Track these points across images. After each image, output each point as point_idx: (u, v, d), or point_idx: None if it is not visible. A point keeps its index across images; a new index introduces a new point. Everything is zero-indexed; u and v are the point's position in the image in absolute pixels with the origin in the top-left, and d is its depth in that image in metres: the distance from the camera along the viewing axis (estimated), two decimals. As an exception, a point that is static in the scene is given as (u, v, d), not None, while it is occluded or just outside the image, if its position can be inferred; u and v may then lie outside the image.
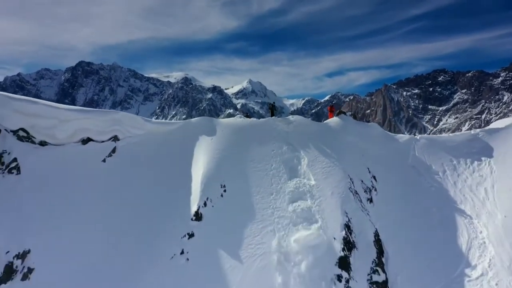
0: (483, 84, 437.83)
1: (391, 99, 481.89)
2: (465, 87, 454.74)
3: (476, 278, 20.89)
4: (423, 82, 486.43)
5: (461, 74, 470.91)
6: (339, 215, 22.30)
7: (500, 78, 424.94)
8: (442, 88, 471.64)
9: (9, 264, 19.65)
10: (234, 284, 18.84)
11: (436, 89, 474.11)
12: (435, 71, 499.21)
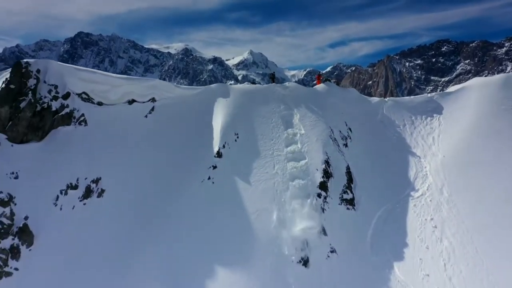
0: (487, 55, 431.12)
1: (393, 70, 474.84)
2: (468, 57, 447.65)
3: (417, 197, 28.85)
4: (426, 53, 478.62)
5: (465, 44, 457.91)
6: (321, 154, 30.18)
7: (504, 49, 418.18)
8: (445, 59, 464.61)
9: (88, 187, 27.73)
10: (246, 197, 26.88)
11: (439, 59, 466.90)
12: (439, 41, 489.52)
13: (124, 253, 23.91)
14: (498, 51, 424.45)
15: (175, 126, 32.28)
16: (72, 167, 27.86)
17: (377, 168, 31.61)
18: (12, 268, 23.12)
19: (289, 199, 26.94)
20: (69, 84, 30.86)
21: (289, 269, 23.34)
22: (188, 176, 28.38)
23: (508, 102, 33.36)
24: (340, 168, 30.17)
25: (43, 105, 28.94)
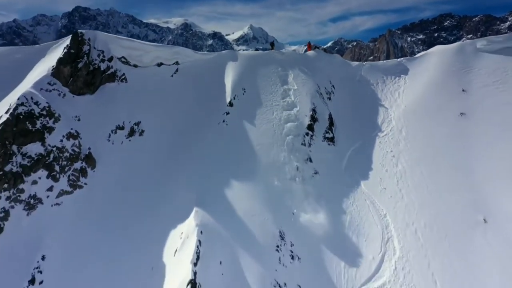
0: (490, 29, 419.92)
1: (394, 45, 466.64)
2: (471, 32, 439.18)
3: (382, 136, 36.52)
4: (428, 27, 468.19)
5: (468, 18, 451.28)
6: (309, 104, 37.75)
7: (508, 23, 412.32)
8: (448, 34, 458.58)
9: (131, 128, 35.41)
10: (251, 135, 34.54)
11: (441, 34, 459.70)
12: (442, 15, 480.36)
13: (164, 172, 31.75)
14: (501, 25, 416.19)
15: (195, 83, 39.69)
16: (118, 113, 35.47)
17: (353, 115, 39.27)
18: (83, 183, 30.99)
19: (284, 136, 34.66)
20: (112, 50, 38.17)
21: (283, 183, 31.29)
22: (207, 119, 36.00)
23: (459, 65, 40.69)
24: (324, 115, 37.85)
25: (94, 66, 36.34)
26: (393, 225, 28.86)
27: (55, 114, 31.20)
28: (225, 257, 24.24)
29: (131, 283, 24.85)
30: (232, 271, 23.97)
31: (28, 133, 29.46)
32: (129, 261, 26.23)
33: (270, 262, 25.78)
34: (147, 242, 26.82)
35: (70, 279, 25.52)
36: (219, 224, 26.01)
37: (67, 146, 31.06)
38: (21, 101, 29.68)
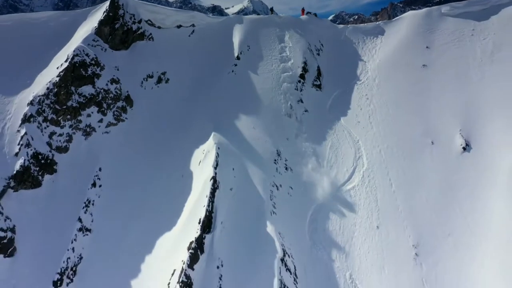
0: None
1: None
2: None
3: (360, 84, 43.55)
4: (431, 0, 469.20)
5: None
6: (301, 58, 44.76)
7: None
8: None
9: (159, 77, 42.48)
10: (255, 82, 41.68)
11: None
12: None
13: (186, 109, 39.05)
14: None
15: (208, 42, 46.57)
16: (147, 65, 42.51)
17: (337, 67, 46.33)
18: (124, 117, 38.43)
19: (281, 83, 41.89)
20: (140, 14, 44.94)
21: (280, 117, 38.78)
22: (219, 70, 42.98)
23: (425, 26, 47.38)
24: (313, 67, 44.98)
25: (127, 27, 43.17)
26: (363, 147, 36.50)
27: (101, 64, 38.36)
28: (236, 165, 31.97)
29: (168, 185, 32.67)
30: (241, 174, 31.77)
31: (82, 78, 36.72)
32: (164, 171, 33.97)
33: (269, 171, 33.53)
34: (177, 158, 34.50)
35: (121, 183, 33.34)
36: (231, 143, 33.66)
37: (111, 89, 38.36)
38: (76, 52, 36.77)
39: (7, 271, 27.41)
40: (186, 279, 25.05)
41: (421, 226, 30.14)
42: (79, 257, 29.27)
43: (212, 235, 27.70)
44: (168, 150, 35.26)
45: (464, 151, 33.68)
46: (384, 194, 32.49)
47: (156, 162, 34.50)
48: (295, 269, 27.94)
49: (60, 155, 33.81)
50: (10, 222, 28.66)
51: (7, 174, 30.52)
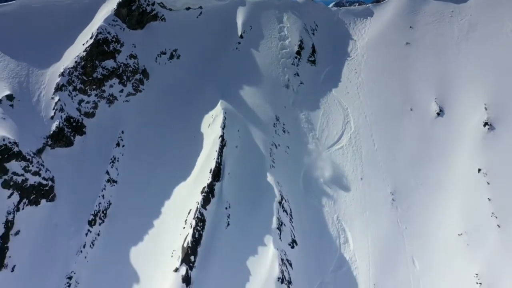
0: None
1: None
2: None
3: (350, 59, 47.87)
4: None
5: None
6: (298, 37, 48.78)
7: None
8: None
9: (171, 53, 46.76)
10: (256, 57, 45.85)
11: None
12: None
13: (196, 81, 43.21)
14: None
15: (215, 22, 50.39)
16: (160, 43, 46.55)
17: (329, 45, 50.33)
18: (141, 88, 42.72)
19: (279, 58, 46.08)
20: (152, -3, 48.98)
21: (278, 88, 43.10)
22: (225, 47, 47.01)
23: (410, 9, 51.03)
24: (308, 44, 49.09)
25: (143, 9, 47.22)
26: (351, 114, 40.90)
27: (120, 41, 42.47)
28: (240, 127, 36.44)
29: (181, 144, 37.15)
30: (245, 135, 36.25)
31: (105, 53, 40.87)
32: (178, 133, 38.36)
33: (269, 132, 37.99)
34: (189, 122, 38.90)
35: (141, 143, 37.77)
36: (236, 109, 38.09)
37: (130, 63, 42.55)
38: (99, 31, 40.85)
39: (49, 213, 32.04)
40: (200, 216, 29.79)
41: (398, 177, 34.71)
42: (108, 203, 33.91)
43: (221, 183, 32.35)
44: (181, 115, 39.60)
45: (438, 116, 38.07)
46: (368, 152, 37.00)
47: (171, 125, 38.89)
48: (290, 211, 32.62)
49: (88, 120, 38.22)
50: (50, 173, 33.18)
51: (44, 134, 34.93)
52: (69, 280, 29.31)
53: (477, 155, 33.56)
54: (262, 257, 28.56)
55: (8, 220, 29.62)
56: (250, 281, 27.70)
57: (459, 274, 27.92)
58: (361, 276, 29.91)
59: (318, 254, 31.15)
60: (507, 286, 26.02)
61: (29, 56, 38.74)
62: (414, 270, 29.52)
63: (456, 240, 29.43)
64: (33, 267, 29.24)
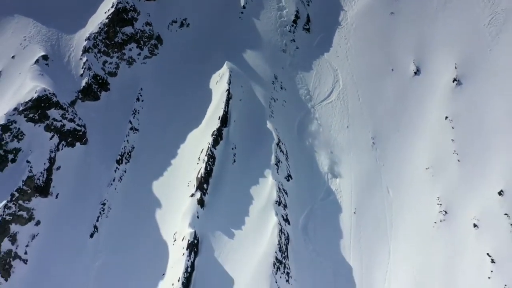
0: None
1: None
2: None
3: (340, 28, 52.34)
4: None
5: None
6: (294, 8, 52.56)
7: None
8: None
9: (182, 21, 51.21)
10: (258, 26, 50.23)
11: None
12: None
13: (204, 46, 47.60)
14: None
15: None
16: (171, 13, 50.80)
17: (323, 15, 54.39)
18: (156, 52, 47.15)
19: (278, 26, 50.28)
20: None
21: (277, 52, 47.59)
22: (229, 17, 50.75)
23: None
24: (304, 14, 53.06)
25: (155, -18, 51.39)
26: (340, 74, 45.49)
27: (137, 10, 46.76)
28: (244, 84, 41.09)
29: (193, 98, 41.90)
30: (248, 90, 40.94)
31: (124, 20, 45.18)
32: (190, 89, 42.95)
33: (269, 89, 42.67)
34: (199, 80, 43.53)
35: (158, 98, 42.52)
36: (239, 69, 42.79)
37: (146, 30, 46.90)
38: (119, 0, 45.23)
39: (83, 154, 37.11)
40: (211, 153, 34.85)
41: (378, 125, 39.64)
42: (132, 146, 38.89)
43: (228, 128, 37.36)
44: (192, 75, 44.19)
45: (415, 74, 42.74)
46: (353, 105, 41.84)
47: (183, 83, 43.55)
48: (286, 152, 37.68)
49: (112, 78, 42.93)
50: (82, 121, 38.08)
51: (76, 89, 39.74)
52: (103, 206, 34.39)
53: (445, 106, 38.33)
54: (262, 185, 33.70)
55: (51, 157, 34.69)
56: (253, 204, 32.90)
57: (424, 199, 33.10)
58: (344, 203, 35.11)
59: (309, 186, 36.32)
60: (461, 204, 31.25)
61: (58, 23, 43.08)
62: (388, 197, 34.70)
63: (423, 172, 34.51)
64: (73, 196, 34.47)
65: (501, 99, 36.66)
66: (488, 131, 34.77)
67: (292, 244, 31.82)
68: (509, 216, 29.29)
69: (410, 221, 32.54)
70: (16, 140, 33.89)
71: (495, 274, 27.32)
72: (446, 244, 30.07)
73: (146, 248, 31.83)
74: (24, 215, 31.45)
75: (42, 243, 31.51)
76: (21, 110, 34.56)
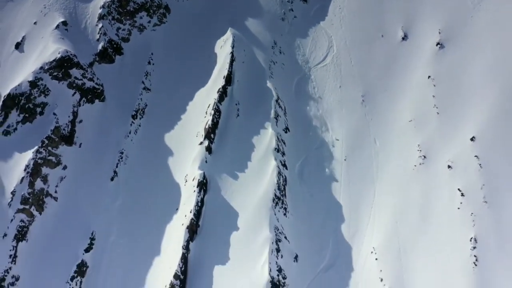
0: None
1: None
2: None
3: None
4: None
5: None
6: (293, -20, 56.04)
7: None
8: None
9: None
10: None
11: None
12: None
13: (209, 16, 50.71)
14: None
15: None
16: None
17: None
18: (165, 20, 50.08)
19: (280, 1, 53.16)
20: None
21: (277, 22, 50.47)
22: None
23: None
24: None
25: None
26: (334, 40, 48.41)
27: (147, -19, 49.66)
28: (246, 48, 44.07)
29: (199, 61, 45.07)
30: (249, 53, 44.01)
31: (135, -10, 48.22)
32: (196, 53, 46.12)
33: (268, 53, 45.67)
34: (204, 45, 46.65)
35: (168, 60, 45.67)
36: (242, 35, 45.90)
37: (155, 0, 49.95)
38: (130, -29, 47.94)
39: (101, 110, 40.51)
40: (217, 108, 38.27)
41: (368, 85, 42.79)
42: (145, 104, 42.17)
43: (232, 87, 40.68)
44: (198, 41, 47.17)
45: (403, 40, 45.71)
46: (346, 68, 45.00)
47: (190, 48, 46.54)
48: (285, 108, 41.04)
49: (125, 43, 45.91)
50: (100, 81, 41.39)
51: (93, 52, 42.80)
52: (121, 154, 37.94)
53: (429, 67, 41.42)
54: (263, 135, 37.23)
55: (74, 111, 38.14)
56: (254, 151, 36.50)
57: (406, 147, 36.59)
58: (336, 152, 38.66)
59: (305, 138, 39.81)
60: (438, 150, 34.86)
61: (74, -9, 45.93)
62: (375, 147, 38.23)
63: (407, 124, 37.94)
64: (94, 145, 38.06)
65: (479, 61, 39.67)
66: (465, 87, 37.98)
67: (289, 186, 35.48)
68: (479, 158, 32.79)
69: (393, 165, 36.11)
70: (43, 96, 37.23)
71: (463, 205, 30.99)
72: (423, 183, 33.68)
73: (160, 189, 35.55)
74: (53, 160, 35.00)
75: (69, 185, 35.16)
76: (46, 69, 37.79)
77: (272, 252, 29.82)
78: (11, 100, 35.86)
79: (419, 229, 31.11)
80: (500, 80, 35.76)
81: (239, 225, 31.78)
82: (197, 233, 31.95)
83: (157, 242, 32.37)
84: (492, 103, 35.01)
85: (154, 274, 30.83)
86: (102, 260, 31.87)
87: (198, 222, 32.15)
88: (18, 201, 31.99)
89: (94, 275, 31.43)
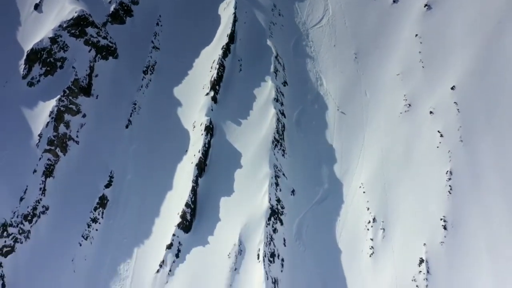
0: None
1: None
2: None
3: None
4: None
5: None
6: None
7: None
8: None
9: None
10: None
11: None
12: None
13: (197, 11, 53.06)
14: None
15: None
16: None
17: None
18: None
19: None
20: None
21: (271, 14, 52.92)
22: None
23: None
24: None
25: None
26: (330, 4, 50.68)
27: None
28: (247, 10, 46.44)
29: (204, 21, 47.73)
30: (251, 15, 46.37)
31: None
32: (201, 17, 48.67)
33: (268, 15, 47.72)
34: (209, 7, 49.13)
35: (175, 22, 48.30)
36: (244, -2, 48.30)
37: (161, -35, 52.12)
38: None
39: (115, 66, 43.34)
40: (221, 62, 41.15)
41: (360, 44, 45.21)
42: (155, 61, 44.73)
43: (235, 44, 43.46)
44: (202, 3, 49.70)
45: (394, 3, 47.97)
46: (340, 29, 47.52)
47: (195, 11, 48.81)
48: (283, 64, 43.95)
49: (134, 6, 48.25)
50: (112, 39, 44.06)
51: (106, 13, 45.30)
52: (134, 105, 40.98)
53: (417, 26, 43.93)
54: (263, 87, 40.22)
55: (91, 66, 41.02)
56: (255, 101, 39.56)
57: (394, 97, 39.59)
58: (330, 103, 41.59)
59: (302, 91, 42.71)
60: (422, 98, 37.93)
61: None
62: (365, 98, 41.24)
63: (395, 77, 40.79)
64: (110, 97, 41.06)
65: (462, 21, 42.16)
66: (448, 44, 40.70)
67: (288, 132, 38.74)
68: (457, 104, 35.93)
69: (381, 113, 39.18)
70: (62, 51, 40.00)
71: (442, 144, 34.19)
72: (407, 127, 36.81)
73: (171, 135, 38.73)
74: (74, 108, 38.08)
75: (89, 131, 38.33)
76: (64, 26, 40.40)
77: (272, 185, 33.14)
78: (34, 54, 38.55)
79: (402, 165, 34.41)
80: (478, 36, 38.49)
81: (242, 163, 35.04)
82: (205, 171, 35.22)
83: (169, 179, 35.69)
84: (471, 56, 37.81)
85: (167, 205, 34.23)
86: (120, 194, 35.22)
87: (205, 162, 35.38)
88: (45, 142, 35.04)
89: (114, 207, 34.81)
